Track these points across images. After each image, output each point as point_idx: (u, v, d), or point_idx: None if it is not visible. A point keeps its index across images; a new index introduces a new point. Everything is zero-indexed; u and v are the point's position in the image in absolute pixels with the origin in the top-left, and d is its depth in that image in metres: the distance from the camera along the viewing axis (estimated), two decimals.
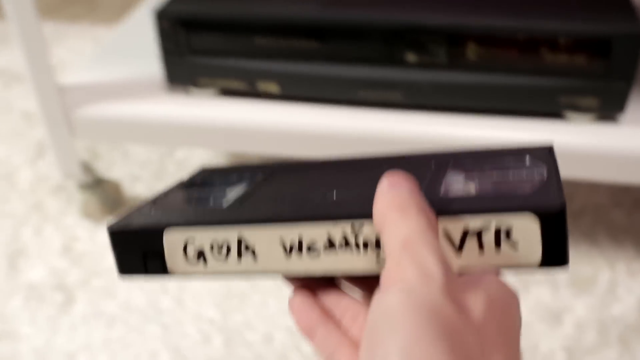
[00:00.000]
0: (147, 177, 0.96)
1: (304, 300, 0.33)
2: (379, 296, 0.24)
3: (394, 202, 0.27)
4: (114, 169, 0.97)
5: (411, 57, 0.65)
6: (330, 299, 0.33)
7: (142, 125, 0.74)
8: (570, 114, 0.67)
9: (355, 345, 0.31)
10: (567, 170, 0.67)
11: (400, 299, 0.23)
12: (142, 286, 0.79)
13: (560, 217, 0.27)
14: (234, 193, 0.36)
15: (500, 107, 0.67)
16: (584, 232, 0.82)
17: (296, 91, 0.70)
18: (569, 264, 0.27)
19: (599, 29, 0.61)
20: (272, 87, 0.70)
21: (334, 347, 0.31)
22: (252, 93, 0.72)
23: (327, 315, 0.32)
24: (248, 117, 0.71)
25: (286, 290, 0.77)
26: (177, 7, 0.69)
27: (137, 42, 0.83)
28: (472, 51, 0.64)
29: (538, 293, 0.76)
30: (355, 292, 0.34)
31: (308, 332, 0.32)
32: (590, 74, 0.63)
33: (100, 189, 0.86)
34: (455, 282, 0.24)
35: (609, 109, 0.65)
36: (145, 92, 0.76)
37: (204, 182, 0.40)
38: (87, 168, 0.84)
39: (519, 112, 0.67)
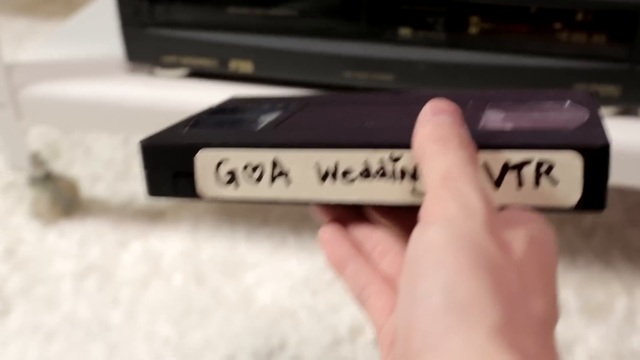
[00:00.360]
0: (110, 177, 0.86)
1: (335, 233, 0.32)
2: (419, 230, 0.23)
3: (435, 132, 0.26)
4: (74, 167, 0.88)
5: (405, 32, 0.57)
6: (361, 233, 0.32)
7: (97, 108, 0.65)
8: None
9: (385, 280, 0.30)
10: None
11: (443, 233, 0.22)
12: (90, 297, 0.69)
13: (604, 156, 0.26)
14: (267, 119, 0.35)
15: None
16: (597, 253, 0.73)
17: (273, 71, 0.61)
18: (605, 207, 0.27)
19: (623, 0, 0.52)
20: (246, 66, 0.61)
21: (365, 282, 0.30)
22: (224, 74, 0.63)
23: (358, 249, 0.31)
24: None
25: (254, 306, 0.68)
26: None
27: (102, 24, 0.74)
28: (475, 26, 0.55)
29: None
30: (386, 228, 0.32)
31: (338, 267, 0.31)
32: (612, 56, 0.54)
33: (53, 185, 0.76)
34: (497, 218, 0.23)
35: (632, 99, 0.56)
36: (103, 72, 0.67)
37: (236, 108, 0.39)
38: (37, 160, 0.74)
39: None
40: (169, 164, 0.32)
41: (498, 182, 0.27)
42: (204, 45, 0.61)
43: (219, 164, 0.31)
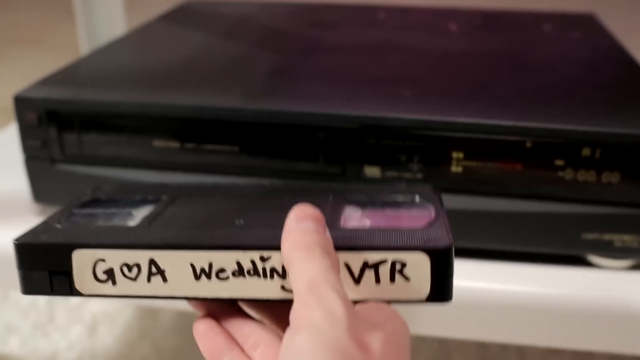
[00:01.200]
0: (27, 329, 0.72)
1: (209, 326, 0.33)
2: (289, 335, 0.26)
3: (300, 241, 0.29)
4: None
5: (372, 171, 0.46)
6: (235, 325, 0.33)
7: None
8: (597, 259, 0.47)
9: None
10: (592, 341, 0.46)
11: (310, 340, 0.25)
12: None
13: (448, 256, 0.30)
14: (141, 213, 0.37)
15: (495, 246, 0.47)
16: None
17: None
18: (451, 299, 0.31)
19: (637, 133, 0.43)
20: None
21: None
22: None
23: (233, 341, 0.33)
24: None
25: None
26: (46, 92, 0.49)
27: (10, 154, 0.63)
28: (458, 164, 0.45)
29: None
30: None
31: (214, 359, 0.33)
32: (628, 199, 0.44)
33: None
34: (357, 321, 0.27)
35: None
36: (6, 215, 0.55)
37: (108, 200, 0.39)
38: None
39: (523, 255, 0.47)
40: (44, 263, 0.33)
41: (358, 280, 0.31)
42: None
43: (96, 263, 0.33)
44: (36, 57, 1.76)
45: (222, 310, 0.34)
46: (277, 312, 0.33)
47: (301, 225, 0.29)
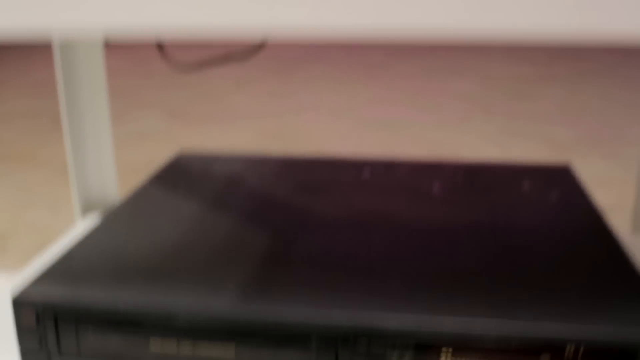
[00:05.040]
0: None
1: None
2: None
3: None
4: None
5: None
6: None
7: None
8: None
9: None
10: None
11: None
12: None
13: None
14: None
15: None
16: None
17: None
18: None
19: (623, 335, 0.44)
20: None
21: None
22: None
23: None
24: None
25: None
26: (46, 291, 0.50)
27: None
28: (447, 358, 0.46)
29: None
30: None
31: None
32: None
33: None
34: None
35: None
36: None
37: None
38: None
39: None
40: None
41: None
42: None
43: None
44: (23, 176, 1.77)
45: None
46: None
47: None
